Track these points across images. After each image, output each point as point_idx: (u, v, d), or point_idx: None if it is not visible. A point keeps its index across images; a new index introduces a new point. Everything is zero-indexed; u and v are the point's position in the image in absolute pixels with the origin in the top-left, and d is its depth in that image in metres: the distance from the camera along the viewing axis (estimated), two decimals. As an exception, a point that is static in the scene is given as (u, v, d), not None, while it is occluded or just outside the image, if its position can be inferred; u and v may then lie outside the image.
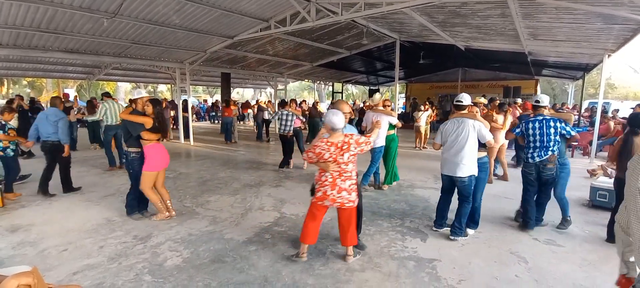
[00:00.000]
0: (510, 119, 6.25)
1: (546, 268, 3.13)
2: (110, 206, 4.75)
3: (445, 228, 3.94)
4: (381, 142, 5.49)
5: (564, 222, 4.11)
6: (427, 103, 12.62)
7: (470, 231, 3.88)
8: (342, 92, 24.14)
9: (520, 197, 4.21)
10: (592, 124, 9.84)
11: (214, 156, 9.01)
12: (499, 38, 9.20)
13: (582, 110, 13.67)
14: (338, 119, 2.97)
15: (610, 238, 3.65)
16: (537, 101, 4.13)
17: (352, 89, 38.66)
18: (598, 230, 4.04)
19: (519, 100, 11.16)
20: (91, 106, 8.62)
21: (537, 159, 3.90)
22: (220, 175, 6.74)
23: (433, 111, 12.50)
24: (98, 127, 6.97)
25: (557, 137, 3.85)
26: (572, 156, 9.41)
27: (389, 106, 5.83)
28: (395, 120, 5.68)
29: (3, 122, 4.94)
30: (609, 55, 8.05)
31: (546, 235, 3.90)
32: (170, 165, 7.48)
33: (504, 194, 5.47)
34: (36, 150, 6.48)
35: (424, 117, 10.62)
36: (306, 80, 20.56)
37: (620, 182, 3.54)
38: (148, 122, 4.00)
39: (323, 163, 3.02)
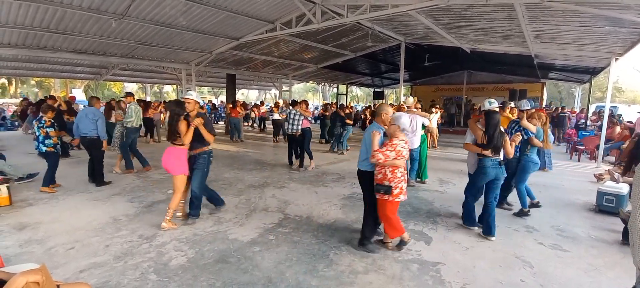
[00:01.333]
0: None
1: (551, 273, 3.10)
2: (117, 205, 4.80)
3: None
4: (418, 142, 5.93)
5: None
6: (437, 106, 12.68)
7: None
8: (346, 94, 24.12)
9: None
10: (599, 128, 9.76)
11: (218, 156, 9.05)
12: (505, 41, 9.16)
13: (590, 114, 13.55)
14: (406, 119, 3.39)
15: (626, 239, 3.66)
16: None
17: (356, 90, 38.64)
18: (604, 235, 4.01)
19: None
20: (109, 108, 8.44)
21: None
22: (225, 175, 6.78)
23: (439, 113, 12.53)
24: (112, 130, 7.08)
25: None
26: (578, 160, 9.34)
27: (419, 108, 6.32)
28: (427, 121, 6.18)
29: (51, 121, 5.42)
30: (616, 59, 7.98)
31: (552, 239, 3.87)
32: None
33: (509, 199, 5.42)
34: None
35: (435, 119, 10.68)
36: (311, 81, 20.59)
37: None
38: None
39: (399, 159, 3.28)
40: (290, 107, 7.58)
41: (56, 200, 5.02)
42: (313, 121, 10.92)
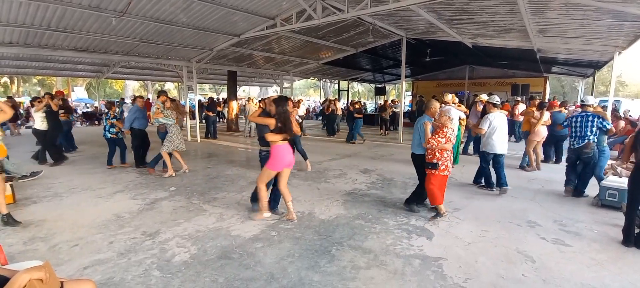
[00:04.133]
0: (547, 115, 7.14)
1: (554, 268, 3.10)
2: (120, 203, 4.82)
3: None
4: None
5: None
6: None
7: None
8: (348, 90, 24.07)
9: (526, 196, 4.20)
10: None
11: (219, 153, 9.08)
12: (508, 35, 9.09)
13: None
14: (455, 112, 5.41)
15: (627, 241, 3.58)
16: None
17: (358, 86, 38.53)
18: (607, 230, 4.00)
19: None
20: (148, 106, 8.69)
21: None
22: (227, 172, 6.79)
23: None
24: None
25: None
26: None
27: (456, 103, 7.13)
28: (463, 115, 6.88)
29: (115, 114, 7.00)
30: (619, 53, 7.91)
31: (554, 234, 3.86)
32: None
33: (511, 193, 5.42)
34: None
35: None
36: (312, 78, 20.56)
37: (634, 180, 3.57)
38: (271, 123, 3.88)
39: (447, 144, 4.09)
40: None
41: (59, 198, 5.05)
42: (315, 117, 11.19)
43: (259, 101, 4.68)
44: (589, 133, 5.06)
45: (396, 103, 15.72)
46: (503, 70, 17.03)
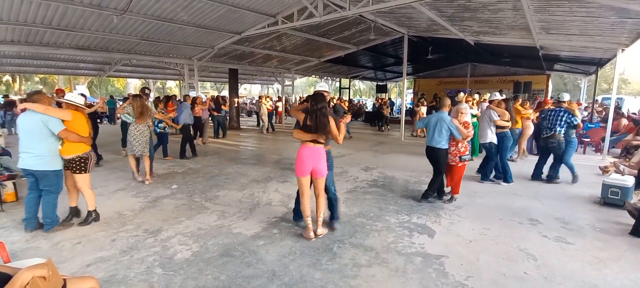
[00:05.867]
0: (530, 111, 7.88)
1: (556, 266, 3.09)
2: (122, 201, 4.84)
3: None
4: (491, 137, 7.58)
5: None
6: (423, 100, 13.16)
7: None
8: (349, 88, 24.04)
9: (528, 194, 4.16)
10: (604, 121, 9.66)
11: (220, 151, 9.08)
12: (510, 32, 9.05)
13: (596, 106, 13.40)
14: (468, 108, 5.30)
15: (635, 232, 3.73)
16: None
17: (359, 84, 38.48)
18: (609, 228, 3.98)
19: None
20: (193, 104, 8.82)
21: None
22: (228, 170, 6.80)
23: None
24: (199, 123, 8.00)
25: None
26: (583, 153, 9.26)
27: (469, 101, 7.96)
28: (475, 111, 7.65)
29: (162, 111, 7.54)
30: (622, 50, 7.87)
31: (556, 232, 3.85)
32: (176, 160, 7.49)
33: (513, 191, 5.42)
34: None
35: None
36: (313, 75, 20.53)
37: None
38: (301, 118, 3.47)
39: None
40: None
41: (62, 195, 5.06)
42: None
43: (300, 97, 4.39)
44: (557, 126, 5.71)
45: (386, 102, 16.00)
46: (505, 67, 16.96)
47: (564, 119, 5.68)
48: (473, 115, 7.33)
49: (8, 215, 4.22)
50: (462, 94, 8.07)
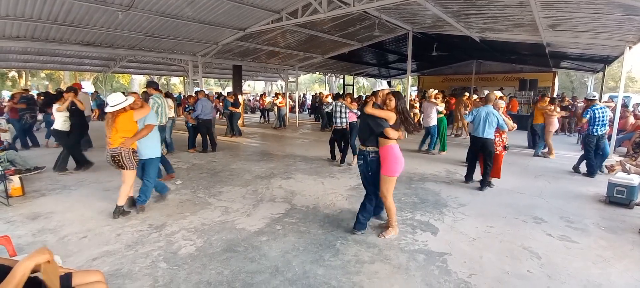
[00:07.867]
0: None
1: (560, 264, 3.08)
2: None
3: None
4: (433, 122, 8.31)
5: None
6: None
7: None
8: (353, 85, 23.95)
9: (532, 192, 4.10)
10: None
11: (224, 147, 9.11)
12: (516, 29, 8.95)
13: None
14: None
15: None
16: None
17: (363, 81, 38.35)
18: (614, 227, 3.95)
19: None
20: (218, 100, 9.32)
21: None
22: (232, 166, 6.83)
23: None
24: (232, 119, 8.41)
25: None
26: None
27: (438, 98, 8.45)
28: (441, 108, 8.35)
29: (187, 105, 8.77)
30: (630, 47, 7.75)
31: (560, 230, 3.83)
32: (178, 157, 7.51)
33: (517, 189, 5.39)
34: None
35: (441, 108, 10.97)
36: (317, 72, 20.48)
37: None
38: (393, 118, 3.42)
39: None
40: (335, 101, 7.18)
41: (68, 190, 5.13)
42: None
43: (371, 94, 4.27)
44: (607, 124, 6.19)
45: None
46: (511, 65, 16.77)
47: (607, 117, 6.17)
48: (438, 111, 8.35)
49: (15, 210, 4.27)
50: (432, 90, 8.87)
